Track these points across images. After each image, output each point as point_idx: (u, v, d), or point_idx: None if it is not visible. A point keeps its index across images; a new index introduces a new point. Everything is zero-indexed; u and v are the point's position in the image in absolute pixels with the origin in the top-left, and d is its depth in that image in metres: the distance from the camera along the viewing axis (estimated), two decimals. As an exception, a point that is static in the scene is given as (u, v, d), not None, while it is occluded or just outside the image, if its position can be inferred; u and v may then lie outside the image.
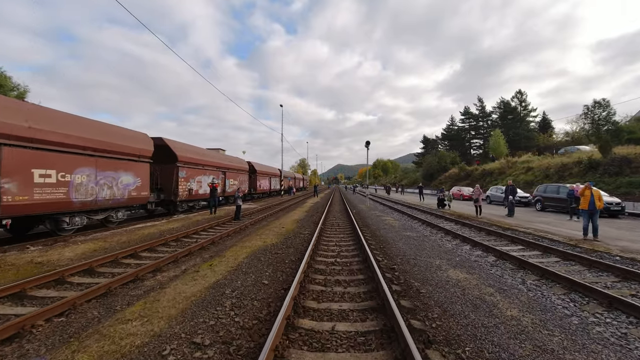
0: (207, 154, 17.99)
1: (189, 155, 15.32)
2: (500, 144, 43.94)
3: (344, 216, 15.78)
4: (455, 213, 16.36)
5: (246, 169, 25.74)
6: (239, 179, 23.48)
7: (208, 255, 7.08)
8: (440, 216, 15.16)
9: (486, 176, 37.12)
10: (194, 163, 15.97)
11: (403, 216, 15.96)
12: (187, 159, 15.21)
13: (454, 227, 11.81)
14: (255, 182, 28.78)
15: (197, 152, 16.52)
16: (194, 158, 15.95)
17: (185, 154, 15.00)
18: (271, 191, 35.78)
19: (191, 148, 16.19)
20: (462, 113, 77.14)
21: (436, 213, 16.42)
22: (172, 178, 14.22)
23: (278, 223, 12.69)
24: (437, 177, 51.99)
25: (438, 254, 7.29)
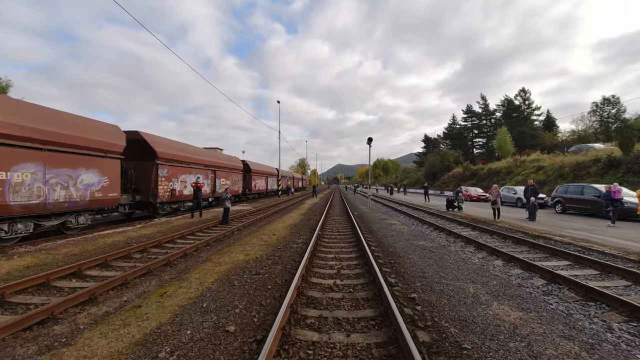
0: (193, 150, 16.33)
1: (170, 152, 13.67)
2: (507, 142, 42.33)
3: (345, 220, 14.16)
4: (468, 216, 14.72)
5: (240, 167, 24.10)
6: (231, 178, 21.84)
7: (169, 277, 5.44)
8: (452, 220, 13.53)
9: (492, 175, 35.49)
10: (177, 160, 14.32)
11: (410, 219, 14.33)
12: (169, 155, 13.56)
13: (473, 234, 10.18)
14: (250, 181, 27.14)
15: (181, 149, 14.86)
16: (178, 155, 14.30)
17: (166, 150, 13.35)
18: (268, 191, 34.15)
19: (174, 144, 14.54)
20: (465, 111, 75.58)
21: (446, 216, 14.79)
22: (151, 177, 12.58)
23: (269, 229, 11.05)
24: (440, 176, 50.39)
25: (467, 274, 5.65)
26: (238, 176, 23.49)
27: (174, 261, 6.57)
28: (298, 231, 10.56)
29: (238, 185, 23.50)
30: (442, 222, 13.08)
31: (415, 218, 14.50)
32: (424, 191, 26.07)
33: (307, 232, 10.36)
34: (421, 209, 18.91)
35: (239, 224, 12.07)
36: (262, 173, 30.89)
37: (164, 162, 13.23)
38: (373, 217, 15.04)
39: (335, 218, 14.84)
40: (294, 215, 15.86)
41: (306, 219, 14.16)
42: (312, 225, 12.00)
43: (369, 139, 21.26)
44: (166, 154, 13.29)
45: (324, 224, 12.29)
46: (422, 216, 15.40)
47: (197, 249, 7.84)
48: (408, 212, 17.40)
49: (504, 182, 31.23)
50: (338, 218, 14.86)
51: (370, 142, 21.45)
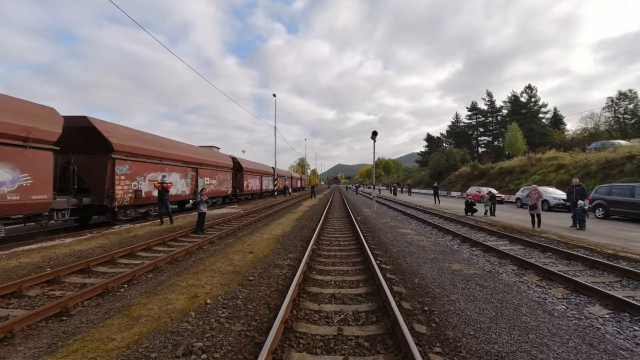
0: (167, 144, 13.77)
1: (133, 144, 11.15)
2: (518, 139, 39.84)
3: (347, 227, 11.66)
4: (495, 222, 12.20)
5: (229, 165, 21.59)
6: (218, 177, 19.33)
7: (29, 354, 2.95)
8: (479, 228, 11.01)
9: (504, 175, 32.99)
10: (143, 155, 11.81)
11: (426, 227, 11.83)
12: (131, 149, 11.05)
13: (519, 251, 7.67)
14: (242, 181, 24.64)
15: (147, 141, 12.30)
16: (143, 149, 11.77)
17: (126, 141, 10.82)
18: (263, 192, 31.66)
19: (138, 134, 11.96)
20: (469, 109, 73.00)
21: (468, 222, 12.28)
22: (106, 175, 10.08)
23: (250, 241, 8.53)
24: (445, 176, 47.88)
25: (565, 349, 3.15)
26: (226, 175, 20.98)
27: (69, 310, 4.06)
28: (285, 246, 8.04)
29: (226, 185, 20.99)
30: (467, 231, 10.56)
31: (431, 225, 11.99)
32: (434, 192, 23.57)
33: (297, 248, 7.86)
34: (434, 213, 16.39)
35: (216, 234, 9.59)
36: (255, 172, 28.39)
37: (124, 156, 10.72)
38: (380, 224, 12.53)
39: (335, 225, 12.33)
40: (285, 221, 13.34)
41: (300, 227, 11.66)
42: (305, 237, 9.50)
43: (373, 132, 18.77)
44: (126, 147, 10.77)
45: (320, 235, 9.79)
46: (440, 222, 12.89)
47: (133, 278, 5.34)
48: (420, 216, 14.88)
49: (519, 182, 28.74)
50: (338, 224, 12.36)
51: (374, 137, 18.96)
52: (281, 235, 9.65)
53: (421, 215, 15.92)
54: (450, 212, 16.65)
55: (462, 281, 5.18)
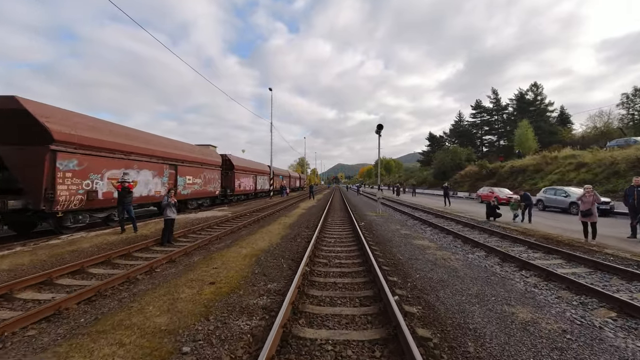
0: (134, 135, 11.55)
1: (83, 134, 8.96)
2: (529, 137, 37.70)
3: (349, 236, 9.51)
4: (533, 232, 10.04)
5: (217, 163, 19.43)
6: (203, 176, 17.18)
7: None
8: (514, 239, 8.83)
9: (516, 174, 30.84)
10: (100, 148, 9.64)
11: (446, 237, 9.67)
12: (81, 139, 8.87)
13: (588, 277, 5.52)
14: (233, 180, 22.48)
15: (106, 130, 10.09)
16: (99, 140, 9.59)
17: (73, 130, 8.63)
18: (257, 192, 29.51)
19: (92, 122, 9.68)
20: (474, 107, 70.90)
21: (496, 230, 10.13)
22: (42, 172, 7.92)
23: (219, 261, 6.37)
24: (450, 175, 45.70)
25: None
26: (214, 173, 18.82)
27: None
28: (266, 269, 5.87)
29: (214, 185, 18.82)
30: (499, 243, 8.40)
31: (452, 234, 9.84)
32: (444, 193, 21.41)
33: (282, 273, 5.70)
34: (448, 217, 14.23)
35: (183, 247, 7.46)
36: (249, 171, 26.23)
37: (70, 148, 8.55)
38: (390, 232, 10.37)
39: (334, 233, 10.17)
40: (276, 228, 11.19)
41: (292, 236, 9.50)
42: (296, 252, 7.35)
43: (378, 126, 16.62)
44: (74, 137, 8.59)
45: (316, 249, 7.64)
46: (460, 230, 10.74)
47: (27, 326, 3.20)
48: (433, 221, 12.72)
49: (534, 182, 26.60)
50: (339, 233, 10.20)
51: (380, 131, 16.81)
52: (265, 249, 7.48)
53: (434, 219, 13.77)
54: (466, 216, 14.50)
55: (556, 352, 3.02)
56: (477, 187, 36.09)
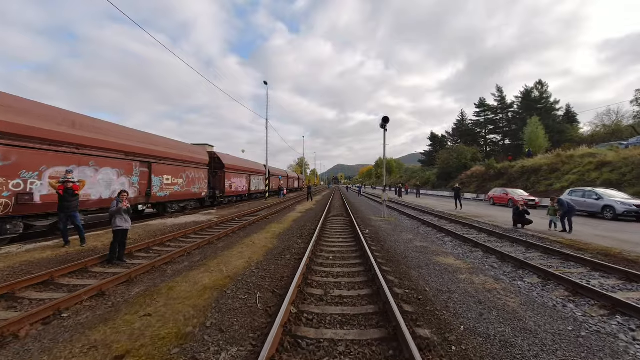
0: (87, 124, 9.43)
1: (6, 118, 6.97)
2: (539, 135, 35.75)
3: (351, 250, 7.52)
4: (584, 245, 8.06)
5: (203, 161, 17.45)
6: (186, 175, 15.20)
7: None
8: (565, 255, 6.86)
9: (528, 174, 28.85)
10: (34, 138, 7.64)
11: (475, 251, 7.67)
12: (4, 126, 6.88)
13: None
14: (223, 181, 20.50)
15: (42, 116, 8.04)
16: (33, 128, 7.58)
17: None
18: (252, 193, 27.52)
19: (20, 103, 7.66)
20: (477, 105, 68.95)
21: (534, 242, 8.15)
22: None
23: (167, 297, 4.40)
24: (455, 176, 43.74)
25: None
26: (200, 173, 16.83)
27: None
28: (230, 316, 3.89)
29: (200, 186, 16.84)
30: (552, 263, 6.42)
31: (480, 247, 7.86)
32: (455, 195, 19.41)
33: (254, 321, 3.71)
34: (466, 223, 12.23)
35: (134, 268, 5.50)
36: (242, 170, 24.25)
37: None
38: (402, 244, 8.38)
39: (334, 246, 8.17)
40: (262, 238, 9.20)
41: (278, 252, 7.51)
42: (280, 280, 5.35)
43: (383, 119, 14.65)
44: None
45: (309, 271, 5.65)
46: (488, 241, 8.78)
47: None
48: (451, 229, 10.75)
49: (550, 183, 24.63)
50: (339, 244, 8.20)
51: (385, 124, 14.84)
52: (238, 275, 5.47)
53: (449, 226, 11.79)
54: (485, 222, 12.53)
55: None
56: (484, 188, 34.14)
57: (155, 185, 12.53)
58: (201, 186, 16.96)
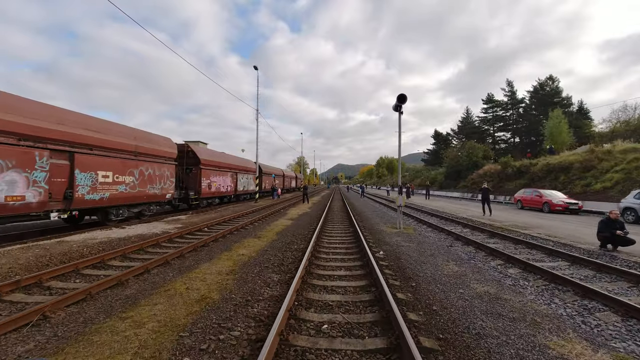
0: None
1: None
2: (562, 130, 32.13)
3: (365, 306, 3.92)
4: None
5: (168, 154, 13.87)
6: (139, 172, 11.63)
7: None
8: None
9: (555, 173, 25.25)
10: None
11: (573, 299, 4.10)
12: None
13: None
14: (198, 179, 16.92)
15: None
16: None
17: None
18: (239, 193, 23.94)
19: None
20: (485, 101, 65.38)
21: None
22: None
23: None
24: (465, 175, 40.16)
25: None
26: (162, 169, 13.24)
27: None
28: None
29: (163, 185, 13.25)
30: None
31: (578, 289, 4.28)
32: (482, 197, 15.74)
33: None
34: (520, 239, 8.62)
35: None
36: (224, 167, 20.66)
37: None
38: (445, 283, 4.78)
39: (331, 290, 4.53)
40: (222, 268, 5.63)
41: (241, 297, 3.93)
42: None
43: (399, 98, 11.04)
44: None
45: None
46: (585, 277, 5.21)
47: None
48: (506, 250, 7.18)
49: (587, 183, 21.04)
50: (340, 289, 4.56)
51: (401, 105, 11.28)
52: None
53: (498, 243, 8.21)
54: (549, 238, 8.93)
55: None
56: (502, 188, 30.59)
57: (83, 184, 8.94)
58: (165, 186, 13.37)
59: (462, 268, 5.98)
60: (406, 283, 5.09)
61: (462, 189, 38.54)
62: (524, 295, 4.61)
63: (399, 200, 11.12)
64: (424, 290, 4.73)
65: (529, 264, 6.00)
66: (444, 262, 6.41)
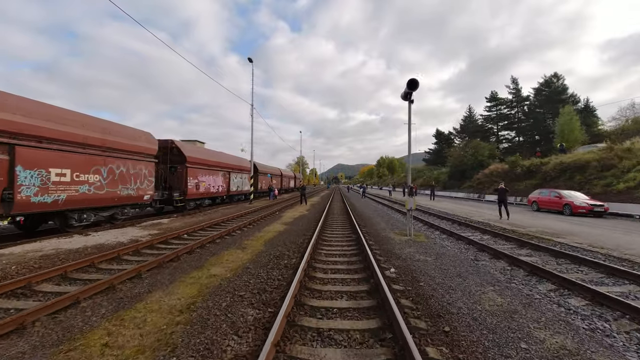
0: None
1: None
2: (574, 127, 30.56)
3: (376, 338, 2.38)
4: None
5: (146, 150, 12.29)
6: (109, 170, 10.06)
7: None
8: None
9: (571, 172, 23.68)
10: None
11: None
12: None
13: None
14: (184, 179, 15.36)
15: None
16: None
17: None
18: (232, 194, 22.37)
19: None
20: (489, 99, 63.73)
21: None
22: None
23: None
24: (470, 175, 38.59)
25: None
26: (138, 167, 11.67)
27: None
28: None
29: (139, 185, 11.69)
30: None
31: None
32: (499, 199, 14.16)
33: None
34: (556, 250, 7.05)
35: None
36: (215, 165, 19.09)
37: None
38: (477, 316, 3.21)
39: (327, 332, 2.99)
40: (184, 294, 4.04)
41: (195, 354, 2.37)
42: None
43: (409, 83, 9.46)
44: None
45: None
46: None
47: None
48: (546, 266, 5.62)
49: (609, 183, 19.45)
50: (340, 328, 3.04)
51: (411, 93, 9.73)
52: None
53: (532, 256, 6.63)
54: (595, 250, 7.36)
55: None
56: (511, 189, 29.03)
57: (28, 184, 7.37)
58: (142, 186, 11.79)
59: (507, 298, 4.41)
60: (435, 325, 3.52)
61: (467, 189, 36.96)
62: (616, 349, 3.04)
63: (410, 203, 9.54)
64: (466, 341, 3.16)
65: (596, 291, 4.43)
66: (478, 288, 4.84)
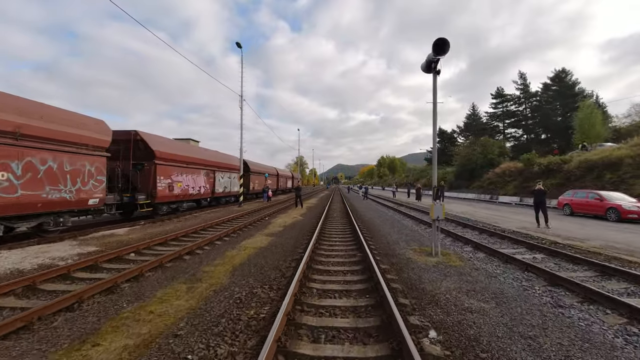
0: None
1: None
2: (596, 122, 27.97)
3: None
4: None
5: (89, 140, 9.62)
6: (24, 166, 7.42)
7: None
8: None
9: (599, 170, 21.09)
10: None
11: None
12: None
13: None
14: (152, 178, 12.72)
15: None
16: None
17: None
18: (217, 196, 19.72)
19: None
20: (494, 95, 61.19)
21: None
22: None
23: None
24: (479, 174, 36.00)
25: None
26: (80, 162, 9.02)
27: None
28: None
29: (80, 186, 9.05)
30: None
31: None
32: (535, 202, 11.48)
33: None
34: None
35: None
36: (194, 163, 16.44)
37: None
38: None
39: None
40: None
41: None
42: None
43: (435, 44, 6.80)
44: None
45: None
46: None
47: None
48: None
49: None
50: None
51: (437, 61, 7.08)
52: None
53: (635, 295, 4.04)
54: None
55: None
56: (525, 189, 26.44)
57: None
58: (85, 187, 9.15)
59: None
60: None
61: (476, 189, 34.39)
62: None
63: (436, 211, 6.88)
64: None
65: None
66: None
